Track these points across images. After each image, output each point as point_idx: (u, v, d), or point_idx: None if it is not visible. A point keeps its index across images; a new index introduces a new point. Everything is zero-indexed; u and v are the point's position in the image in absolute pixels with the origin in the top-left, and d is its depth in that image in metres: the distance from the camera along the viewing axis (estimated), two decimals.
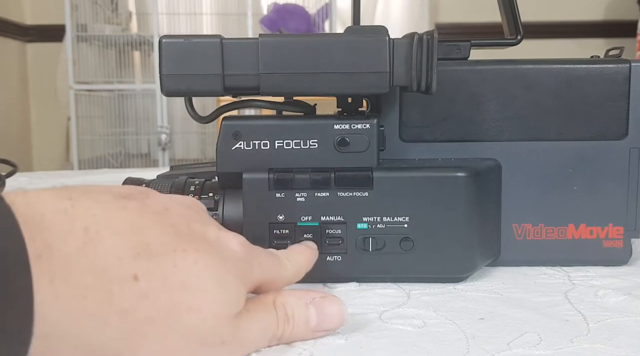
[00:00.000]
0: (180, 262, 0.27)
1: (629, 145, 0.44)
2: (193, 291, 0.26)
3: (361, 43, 0.38)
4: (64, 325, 0.23)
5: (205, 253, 0.28)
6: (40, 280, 0.22)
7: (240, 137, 0.40)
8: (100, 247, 0.24)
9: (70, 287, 0.23)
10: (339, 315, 0.32)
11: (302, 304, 0.31)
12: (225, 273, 0.28)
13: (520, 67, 0.44)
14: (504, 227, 0.44)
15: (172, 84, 0.39)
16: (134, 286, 0.25)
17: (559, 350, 0.31)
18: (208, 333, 0.27)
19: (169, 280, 0.26)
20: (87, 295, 0.24)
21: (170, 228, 0.28)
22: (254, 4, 2.56)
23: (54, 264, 0.23)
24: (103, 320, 0.24)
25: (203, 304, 0.27)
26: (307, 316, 0.31)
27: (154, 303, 0.25)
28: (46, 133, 2.94)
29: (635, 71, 0.43)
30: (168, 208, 0.29)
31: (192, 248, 0.27)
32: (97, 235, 0.25)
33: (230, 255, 0.29)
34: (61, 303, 0.23)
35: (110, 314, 0.24)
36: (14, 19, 2.79)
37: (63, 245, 0.24)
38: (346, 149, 0.40)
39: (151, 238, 0.26)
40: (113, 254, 0.25)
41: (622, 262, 0.45)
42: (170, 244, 0.27)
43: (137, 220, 0.27)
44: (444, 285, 0.41)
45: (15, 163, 0.65)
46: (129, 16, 2.69)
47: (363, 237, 0.40)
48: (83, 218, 0.25)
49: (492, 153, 0.44)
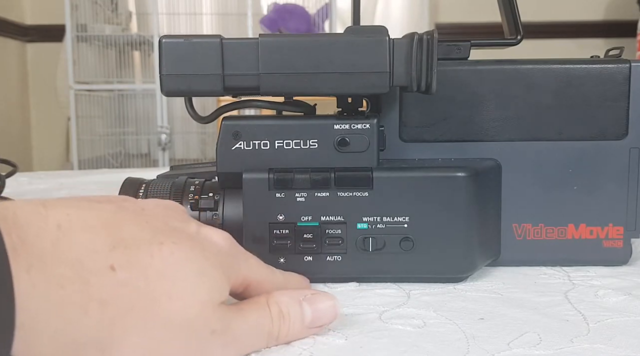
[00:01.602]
0: (157, 253, 0.26)
1: (629, 145, 0.44)
2: (172, 280, 0.26)
3: (361, 43, 0.38)
4: (43, 315, 0.23)
5: (183, 245, 0.28)
6: (18, 269, 0.22)
7: (240, 137, 0.40)
8: (74, 241, 0.25)
9: (46, 276, 0.23)
10: (332, 309, 0.32)
11: (295, 302, 0.31)
12: (204, 263, 0.28)
13: (520, 67, 0.44)
14: (504, 227, 0.44)
15: (172, 84, 0.39)
16: (112, 276, 0.25)
17: (559, 350, 0.31)
18: (193, 321, 0.27)
19: (146, 270, 0.26)
20: (64, 285, 0.24)
21: (147, 224, 0.28)
22: (254, 4, 2.56)
23: (30, 256, 0.23)
24: (82, 309, 0.24)
25: (183, 292, 0.27)
26: (301, 313, 0.31)
27: (133, 292, 0.25)
28: (46, 133, 2.94)
29: (635, 71, 0.43)
30: (144, 209, 0.29)
31: (169, 241, 0.27)
32: (70, 231, 0.25)
33: (212, 247, 0.29)
34: (39, 292, 0.23)
35: (89, 303, 0.24)
36: (14, 19, 2.79)
37: (37, 239, 0.24)
38: (346, 149, 0.40)
39: (127, 233, 0.26)
40: (88, 247, 0.25)
41: (622, 262, 0.45)
42: (147, 238, 0.27)
43: (113, 217, 0.27)
44: (444, 285, 0.41)
45: (15, 163, 0.65)
46: (129, 16, 2.68)
47: (363, 237, 0.40)
48: (56, 216, 0.25)
49: (492, 153, 0.44)
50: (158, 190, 0.42)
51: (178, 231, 0.29)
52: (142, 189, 0.42)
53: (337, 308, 0.32)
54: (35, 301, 0.23)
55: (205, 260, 0.28)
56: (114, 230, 0.26)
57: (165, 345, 0.26)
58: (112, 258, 0.25)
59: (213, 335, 0.27)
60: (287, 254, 0.40)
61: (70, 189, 0.83)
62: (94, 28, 2.48)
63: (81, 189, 0.83)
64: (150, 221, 0.28)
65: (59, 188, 0.84)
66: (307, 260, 0.40)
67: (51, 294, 0.23)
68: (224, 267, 0.29)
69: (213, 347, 0.28)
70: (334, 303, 0.32)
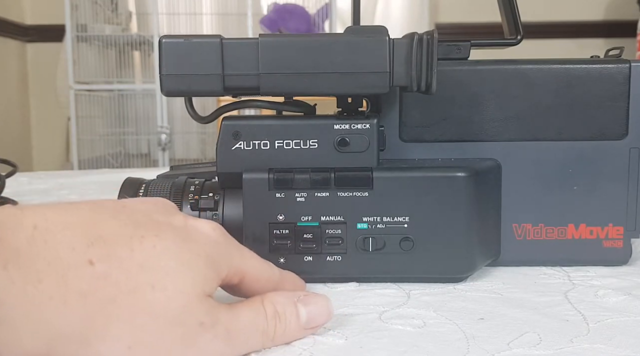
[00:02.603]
0: (137, 247, 0.26)
1: (629, 145, 0.44)
2: (154, 272, 0.26)
3: (361, 43, 0.38)
4: (22, 309, 0.23)
5: (166, 238, 0.27)
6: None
7: (240, 137, 0.40)
8: (50, 239, 0.24)
9: (24, 272, 0.23)
10: (326, 309, 0.32)
11: (290, 302, 0.31)
12: (189, 254, 0.28)
13: (520, 67, 0.44)
14: (504, 227, 0.44)
15: (172, 84, 0.39)
16: (90, 269, 0.25)
17: (559, 350, 0.31)
18: (179, 312, 0.26)
19: (126, 262, 0.26)
20: (42, 279, 0.23)
21: (127, 220, 0.27)
22: (254, 4, 2.56)
23: (6, 253, 0.23)
24: (62, 302, 0.24)
25: (167, 282, 0.26)
26: (297, 314, 0.31)
27: (114, 284, 0.25)
28: (46, 133, 2.94)
29: (635, 71, 0.43)
30: (126, 206, 0.29)
31: (151, 234, 0.27)
32: (46, 230, 0.25)
33: (199, 238, 0.29)
34: (17, 287, 0.23)
35: (68, 296, 0.24)
36: (14, 19, 2.79)
37: (14, 238, 0.24)
38: (346, 149, 0.40)
39: (106, 229, 0.26)
40: (65, 244, 0.25)
41: (622, 262, 0.45)
42: (127, 233, 0.26)
43: (90, 216, 0.27)
44: (444, 285, 0.41)
45: (15, 163, 0.65)
46: (129, 16, 2.69)
47: (363, 237, 0.40)
48: (32, 217, 0.25)
49: (492, 153, 0.44)
50: (158, 190, 0.42)
51: (162, 224, 0.28)
52: (142, 189, 0.42)
53: (331, 309, 0.32)
54: (14, 296, 0.23)
55: (189, 251, 0.28)
56: (92, 227, 0.26)
57: (150, 336, 0.26)
58: (90, 254, 0.25)
59: (201, 327, 0.27)
60: (287, 254, 0.40)
61: (71, 189, 0.83)
62: (94, 28, 2.49)
63: (81, 189, 0.83)
64: (132, 216, 0.28)
65: (59, 188, 0.84)
66: (307, 260, 0.40)
67: (29, 289, 0.23)
68: (213, 257, 0.29)
69: (202, 340, 0.27)
70: (328, 304, 0.32)
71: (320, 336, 0.32)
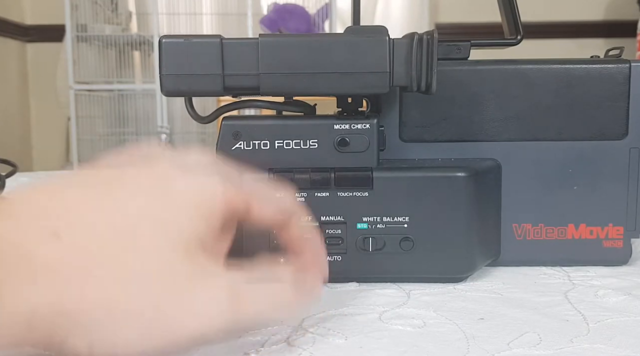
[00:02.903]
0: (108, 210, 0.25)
1: (629, 145, 0.44)
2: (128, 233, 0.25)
3: (361, 43, 0.38)
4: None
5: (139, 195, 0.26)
6: None
7: (240, 137, 0.40)
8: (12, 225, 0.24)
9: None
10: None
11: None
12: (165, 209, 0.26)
13: (520, 67, 0.44)
14: (504, 227, 0.44)
15: (172, 84, 0.39)
16: (57, 242, 0.24)
17: (559, 350, 0.31)
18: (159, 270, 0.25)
19: (96, 229, 0.24)
20: (3, 259, 0.23)
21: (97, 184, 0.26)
22: (254, 4, 2.56)
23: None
24: (30, 280, 0.23)
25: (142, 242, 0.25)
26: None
27: (84, 254, 0.24)
28: (46, 133, 2.94)
29: (635, 71, 0.43)
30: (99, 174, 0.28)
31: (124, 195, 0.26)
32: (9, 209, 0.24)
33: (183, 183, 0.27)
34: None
35: (36, 273, 0.23)
36: (14, 19, 2.79)
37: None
38: (346, 149, 0.40)
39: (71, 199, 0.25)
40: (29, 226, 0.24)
41: (622, 262, 0.45)
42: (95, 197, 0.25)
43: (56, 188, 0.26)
44: (444, 285, 0.41)
45: (15, 163, 0.65)
46: (129, 16, 2.69)
47: (363, 237, 0.40)
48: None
49: (492, 153, 0.44)
50: None
51: (137, 179, 0.27)
52: None
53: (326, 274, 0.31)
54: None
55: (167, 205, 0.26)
56: (57, 200, 0.25)
57: (134, 298, 0.24)
58: (55, 226, 0.24)
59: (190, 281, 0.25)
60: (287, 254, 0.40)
61: None
62: (94, 28, 2.49)
63: None
64: (103, 177, 0.27)
65: None
66: None
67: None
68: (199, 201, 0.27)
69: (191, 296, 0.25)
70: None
71: (320, 336, 0.32)
